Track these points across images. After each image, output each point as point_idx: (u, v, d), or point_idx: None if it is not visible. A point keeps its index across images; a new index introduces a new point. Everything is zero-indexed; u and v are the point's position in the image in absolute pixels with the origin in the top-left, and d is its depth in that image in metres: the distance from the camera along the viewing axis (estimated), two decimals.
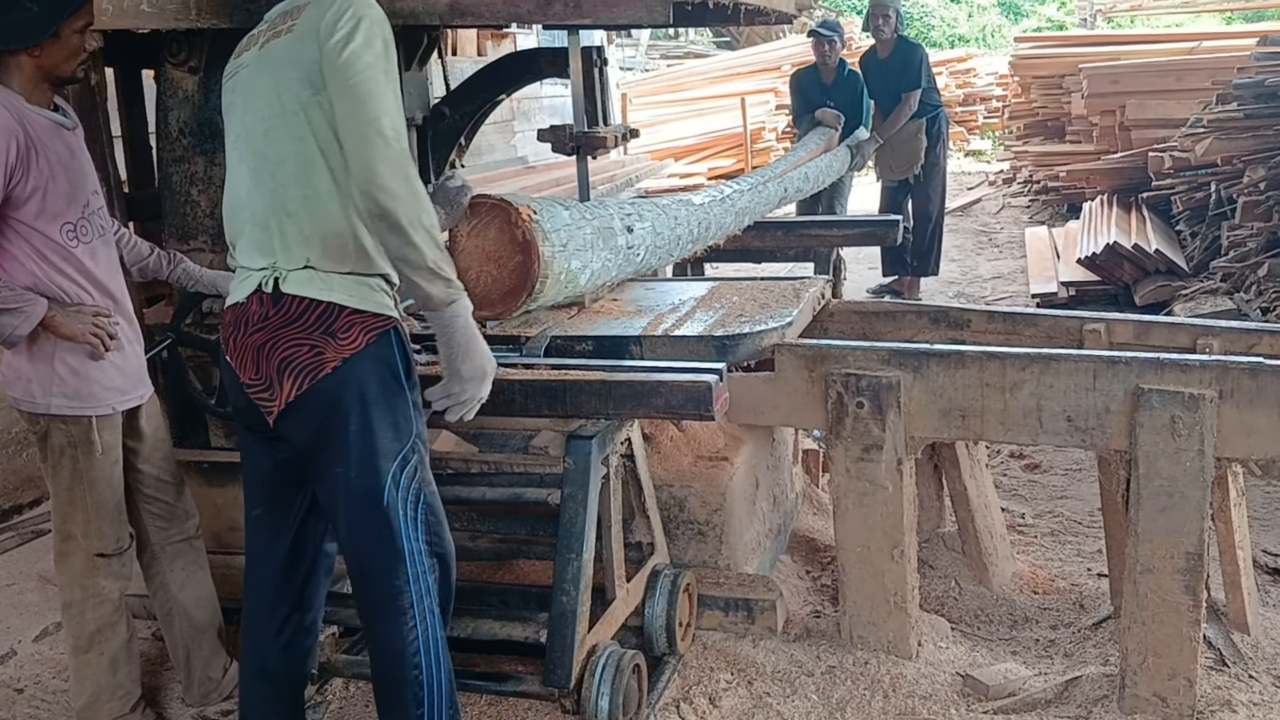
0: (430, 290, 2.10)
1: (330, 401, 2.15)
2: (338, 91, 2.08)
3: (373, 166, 2.04)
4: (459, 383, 2.19)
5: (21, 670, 3.12)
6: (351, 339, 2.15)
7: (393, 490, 2.19)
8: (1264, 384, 2.55)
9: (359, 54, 2.07)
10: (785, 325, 2.92)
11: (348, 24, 2.09)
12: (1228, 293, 6.57)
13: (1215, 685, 2.82)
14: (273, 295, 2.16)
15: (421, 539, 2.24)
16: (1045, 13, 25.33)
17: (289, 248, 2.15)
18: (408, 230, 2.05)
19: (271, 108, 2.16)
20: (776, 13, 3.23)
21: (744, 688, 2.86)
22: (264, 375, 2.17)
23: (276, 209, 2.16)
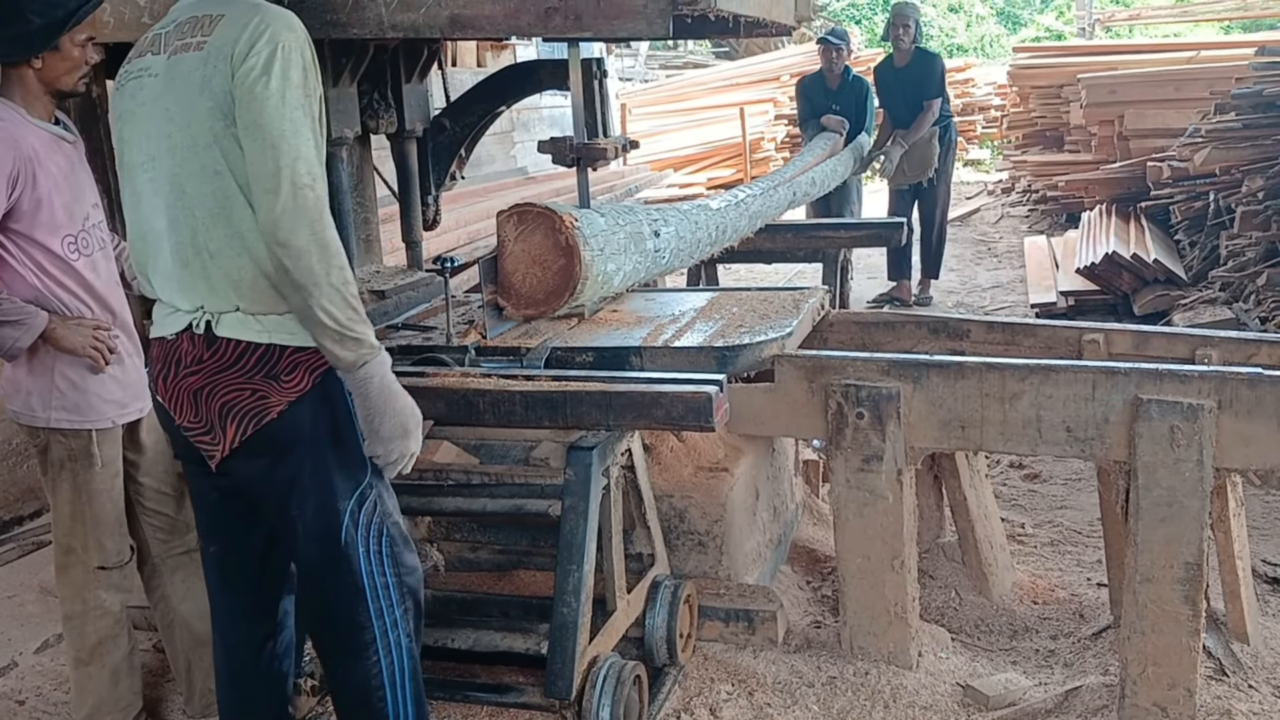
0: (339, 353, 1.97)
1: (278, 446, 2.05)
2: (246, 130, 1.93)
3: (275, 219, 1.90)
4: (381, 444, 2.06)
5: (23, 682, 3.12)
6: (296, 380, 2.04)
7: (351, 529, 2.11)
8: (1263, 394, 2.56)
9: (272, 89, 1.92)
10: (785, 336, 2.93)
11: (262, 51, 1.93)
12: (1226, 302, 6.58)
13: (1215, 695, 2.82)
14: (205, 338, 2.03)
15: (389, 572, 2.16)
16: (1044, 22, 25.38)
17: (215, 290, 2.02)
18: (310, 290, 1.92)
19: (183, 136, 1.99)
20: (776, 24, 3.24)
21: (745, 699, 2.86)
22: (204, 419, 2.06)
23: (197, 249, 2.01)
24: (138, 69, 2.09)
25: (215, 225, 1.99)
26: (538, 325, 3.09)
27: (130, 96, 2.09)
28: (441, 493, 2.72)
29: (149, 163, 2.05)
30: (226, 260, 2.00)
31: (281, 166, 1.90)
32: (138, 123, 2.07)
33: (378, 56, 3.15)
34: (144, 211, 2.08)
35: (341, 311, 1.94)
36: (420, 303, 3.36)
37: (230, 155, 1.96)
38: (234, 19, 1.98)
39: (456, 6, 2.61)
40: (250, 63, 1.92)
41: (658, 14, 2.55)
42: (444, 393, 2.64)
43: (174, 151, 2.00)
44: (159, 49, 2.06)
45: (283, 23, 1.98)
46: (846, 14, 23.46)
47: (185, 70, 1.99)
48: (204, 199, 1.99)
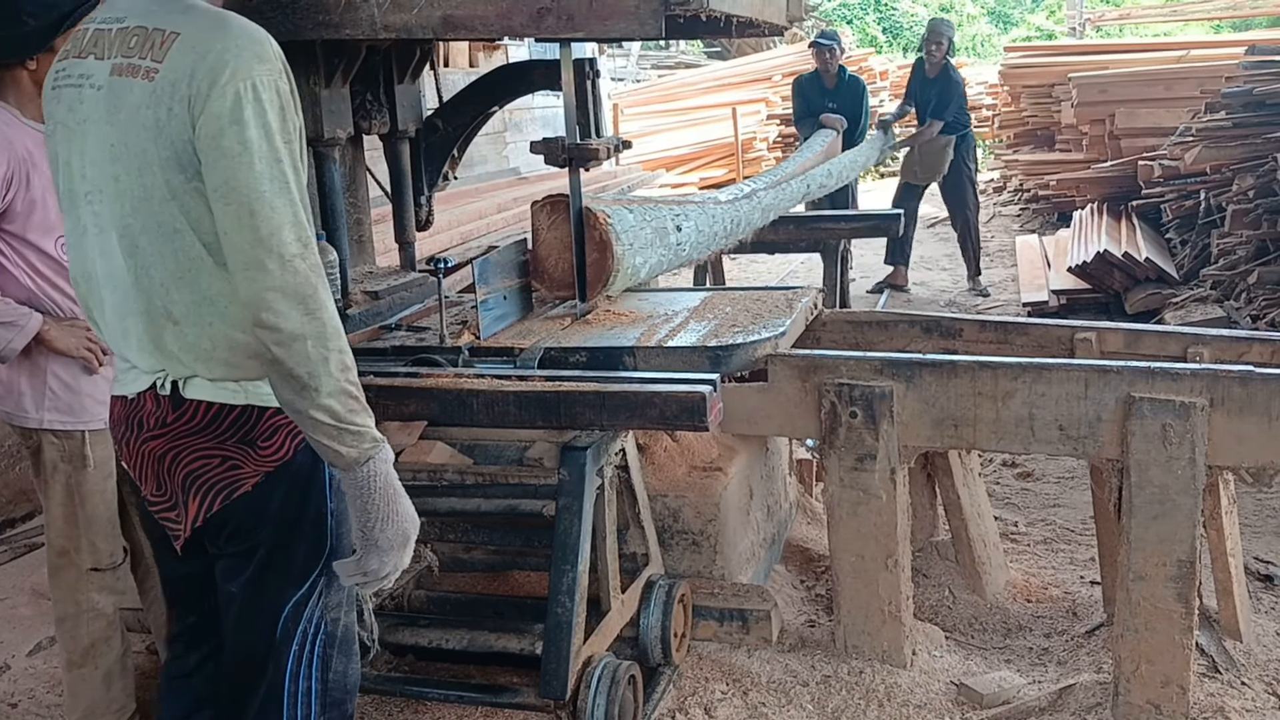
0: (338, 449, 1.67)
1: (243, 523, 1.78)
2: (216, 192, 1.61)
3: (259, 300, 1.60)
4: (377, 556, 1.73)
5: (15, 685, 3.11)
6: (275, 446, 1.76)
7: (290, 624, 1.83)
8: (1254, 392, 2.57)
9: (245, 142, 1.59)
10: (778, 335, 2.93)
11: (228, 93, 1.59)
12: (1218, 300, 6.61)
13: (1208, 692, 2.83)
14: (171, 398, 1.75)
15: (315, 678, 1.87)
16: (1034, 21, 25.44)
17: (176, 358, 1.74)
18: (305, 382, 1.62)
19: (133, 184, 1.67)
20: (768, 24, 3.25)
21: (739, 698, 2.86)
22: (167, 492, 1.80)
23: (159, 312, 1.73)
24: (76, 74, 1.74)
25: (178, 289, 1.70)
26: (531, 325, 3.10)
27: (67, 108, 1.75)
28: (435, 493, 2.72)
29: (94, 195, 1.73)
30: (195, 328, 1.72)
31: (263, 237, 1.60)
32: (77, 144, 1.74)
33: (370, 57, 3.15)
34: (87, 249, 1.77)
35: (342, 405, 1.66)
36: (413, 303, 3.36)
37: (193, 212, 1.66)
38: (191, 42, 1.64)
39: (449, 7, 2.61)
40: (214, 108, 1.59)
41: (650, 14, 2.55)
42: (438, 393, 2.64)
43: (122, 198, 1.69)
44: (101, 53, 1.72)
45: (251, 51, 1.64)
46: (838, 14, 23.49)
47: (133, 103, 1.65)
48: (163, 259, 1.69)
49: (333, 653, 1.89)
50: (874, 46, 21.20)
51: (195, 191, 1.65)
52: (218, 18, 1.68)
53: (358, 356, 2.88)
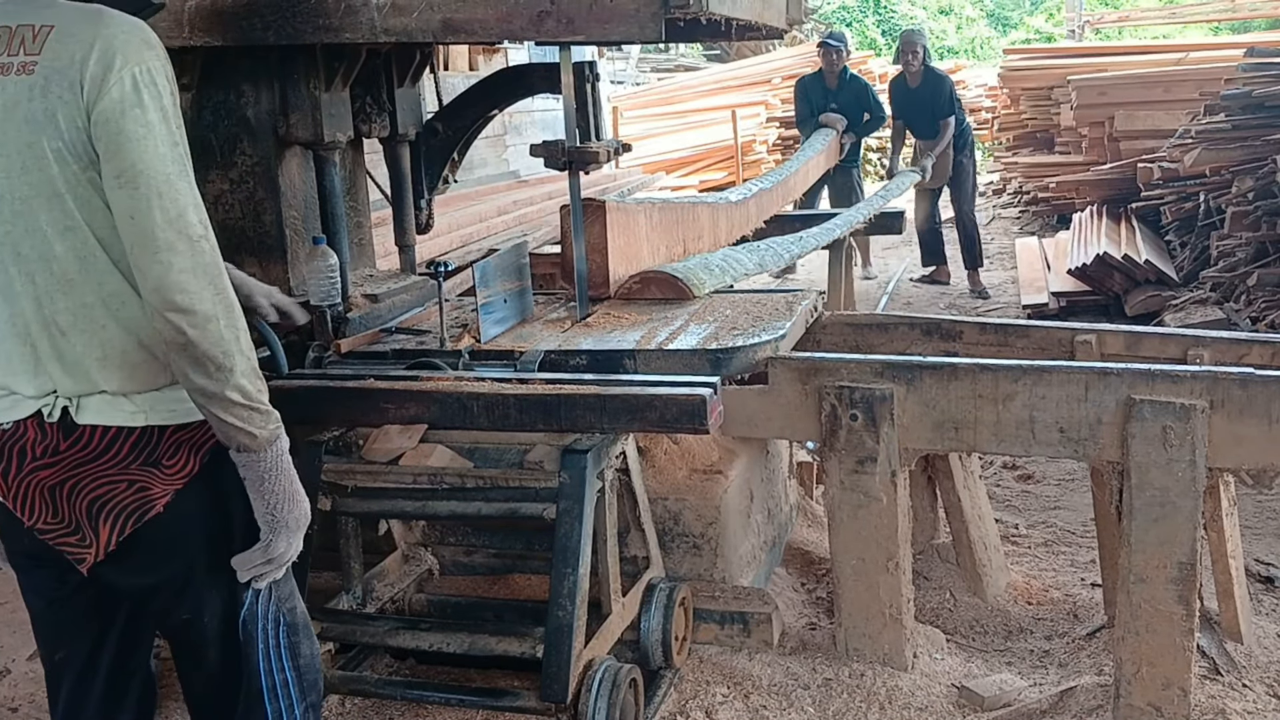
0: (251, 430, 1.66)
1: (165, 542, 1.74)
2: (120, 178, 1.57)
3: (171, 281, 1.58)
4: (285, 537, 1.74)
5: (16, 689, 3.10)
6: (180, 464, 1.73)
7: (249, 624, 1.82)
8: (1254, 394, 2.57)
9: (146, 125, 1.57)
10: (778, 338, 2.93)
11: (124, 77, 1.57)
12: (1217, 302, 6.61)
13: (1209, 694, 2.83)
14: (62, 425, 1.67)
15: (288, 668, 1.87)
16: (1034, 24, 25.47)
17: (70, 372, 1.66)
18: (220, 362, 1.61)
19: (13, 185, 1.60)
20: (767, 27, 3.25)
21: (740, 701, 2.86)
22: (67, 519, 1.71)
23: (44, 323, 1.65)
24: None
25: (68, 293, 1.63)
26: (531, 329, 3.10)
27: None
28: (436, 497, 2.72)
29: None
30: (85, 335, 1.65)
31: (172, 219, 1.58)
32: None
33: (370, 61, 3.15)
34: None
35: (252, 384, 1.66)
36: (413, 307, 3.36)
37: (86, 206, 1.61)
38: (70, 32, 1.59)
39: (449, 10, 2.62)
40: (113, 94, 1.56)
41: (650, 17, 2.55)
42: (438, 396, 2.64)
43: (1, 202, 1.61)
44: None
45: (139, 37, 1.62)
46: (837, 16, 23.52)
47: (7, 100, 1.59)
48: (50, 262, 1.62)
49: (298, 639, 1.89)
50: (873, 49, 21.22)
51: (89, 183, 1.61)
52: (91, 9, 1.65)
53: (358, 360, 2.91)
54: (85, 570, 1.76)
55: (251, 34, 2.77)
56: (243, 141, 3.05)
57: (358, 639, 2.74)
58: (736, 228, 4.39)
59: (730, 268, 3.62)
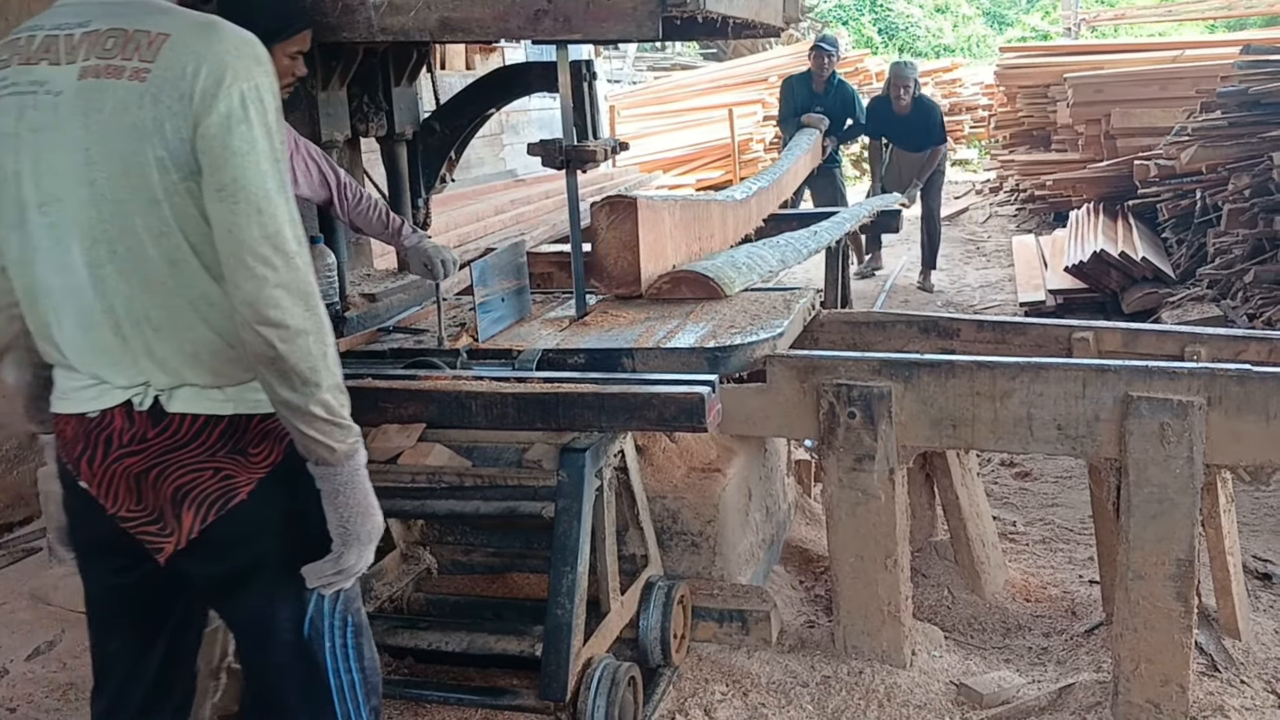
0: (331, 443, 1.69)
1: (245, 531, 1.76)
2: (222, 191, 1.61)
3: (265, 296, 1.61)
4: (357, 550, 1.75)
5: (14, 690, 3.10)
6: (265, 453, 1.76)
7: (317, 619, 1.84)
8: (1251, 390, 2.57)
9: (250, 142, 1.61)
10: (776, 336, 2.93)
11: (233, 93, 1.60)
12: (1214, 299, 6.62)
13: (1207, 691, 2.83)
14: (151, 413, 1.70)
15: (354, 669, 1.89)
16: (1030, 22, 25.48)
17: (162, 366, 1.70)
18: (307, 377, 1.64)
19: (114, 188, 1.63)
20: (764, 25, 3.25)
21: (739, 699, 2.86)
22: (151, 507, 1.74)
23: (135, 320, 1.68)
24: (26, 81, 1.67)
25: (160, 293, 1.67)
26: (529, 328, 3.10)
27: (15, 116, 1.66)
28: (434, 496, 2.72)
29: (50, 205, 1.66)
30: (176, 334, 1.69)
31: (269, 235, 1.61)
32: (29, 152, 1.66)
33: (367, 60, 3.15)
34: (41, 264, 1.70)
35: (336, 399, 1.68)
36: (411, 306, 3.36)
37: (182, 214, 1.64)
38: (184, 43, 1.62)
39: (446, 10, 2.62)
40: (221, 108, 1.60)
41: (647, 16, 2.55)
42: (436, 395, 2.64)
43: (98, 203, 1.63)
44: (58, 58, 1.66)
45: (250, 53, 1.65)
46: (834, 14, 23.51)
47: (116, 103, 1.61)
48: (146, 263, 1.66)
49: (363, 641, 1.91)
50: (870, 48, 21.23)
51: (187, 192, 1.63)
52: (206, 20, 1.67)
53: (356, 359, 2.91)
54: (163, 560, 1.77)
55: None
56: None
57: None
58: (742, 226, 4.39)
59: (756, 265, 3.60)
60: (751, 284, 3.46)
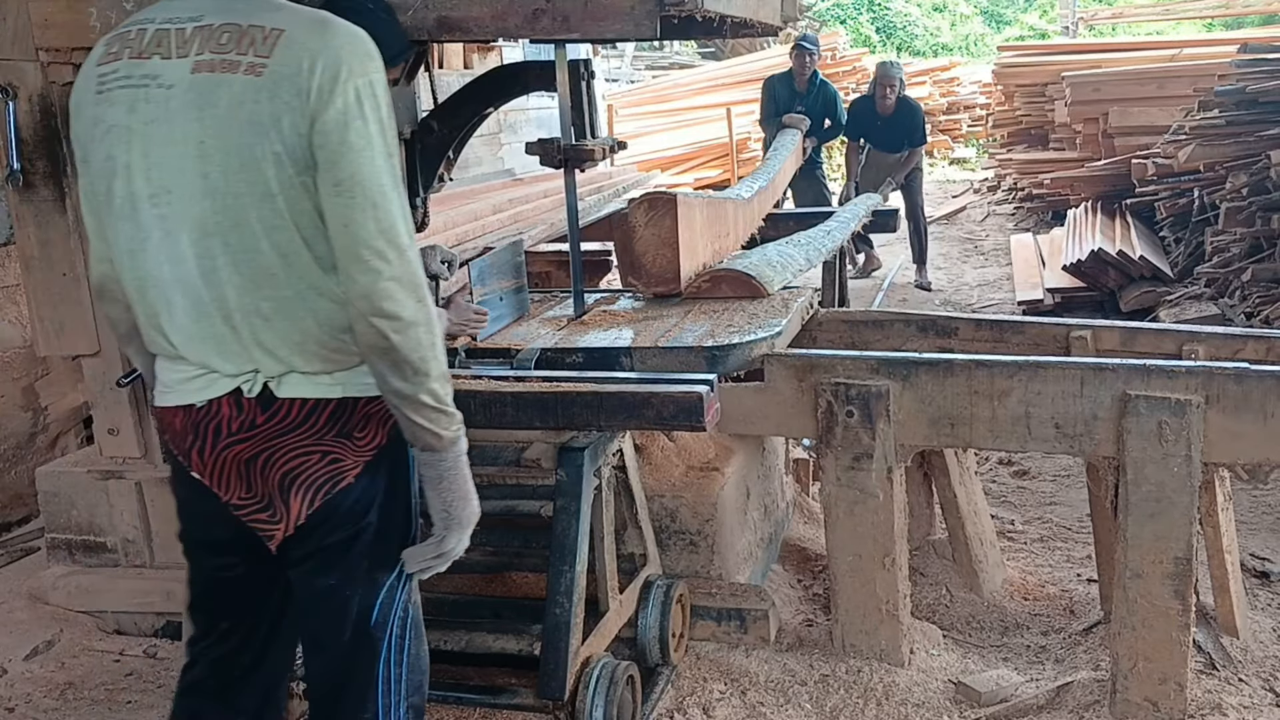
0: (438, 431, 1.74)
1: (347, 514, 1.79)
2: (339, 185, 1.63)
3: (380, 288, 1.64)
4: (458, 534, 1.81)
5: (12, 689, 3.10)
6: (370, 436, 1.78)
7: (385, 609, 1.86)
8: (1249, 389, 2.58)
9: (366, 138, 1.63)
10: (774, 335, 2.93)
11: (348, 89, 1.63)
12: (1212, 298, 6.62)
13: (1205, 689, 2.84)
14: (260, 399, 1.73)
15: (404, 664, 1.91)
16: (1028, 21, 25.50)
17: (270, 354, 1.73)
18: (418, 367, 1.68)
19: (228, 181, 1.64)
20: (762, 24, 3.25)
21: (738, 697, 2.87)
22: (259, 494, 1.77)
23: (246, 310, 1.70)
24: (138, 74, 1.68)
25: (270, 285, 1.69)
26: (528, 327, 3.10)
27: (127, 109, 1.68)
28: None
29: (161, 197, 1.68)
30: (285, 324, 1.71)
31: (384, 229, 1.64)
32: (140, 145, 1.68)
33: None
34: (152, 254, 1.72)
35: (443, 388, 1.73)
36: None
37: (296, 208, 1.65)
38: (299, 39, 1.64)
39: (444, 9, 2.61)
40: (338, 104, 1.61)
41: (645, 15, 2.55)
42: None
43: (212, 195, 1.65)
44: (169, 52, 1.67)
45: (363, 49, 1.67)
46: (831, 14, 23.51)
47: (232, 98, 1.63)
48: (258, 255, 1.67)
49: (411, 637, 1.92)
50: (868, 46, 21.23)
51: (301, 186, 1.65)
52: (319, 16, 1.70)
53: None
54: (273, 547, 1.80)
55: None
56: None
57: None
58: (749, 225, 4.39)
59: (788, 264, 3.58)
60: (787, 283, 3.45)
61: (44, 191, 3.09)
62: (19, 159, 3.04)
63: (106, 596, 3.36)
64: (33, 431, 4.46)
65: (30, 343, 4.16)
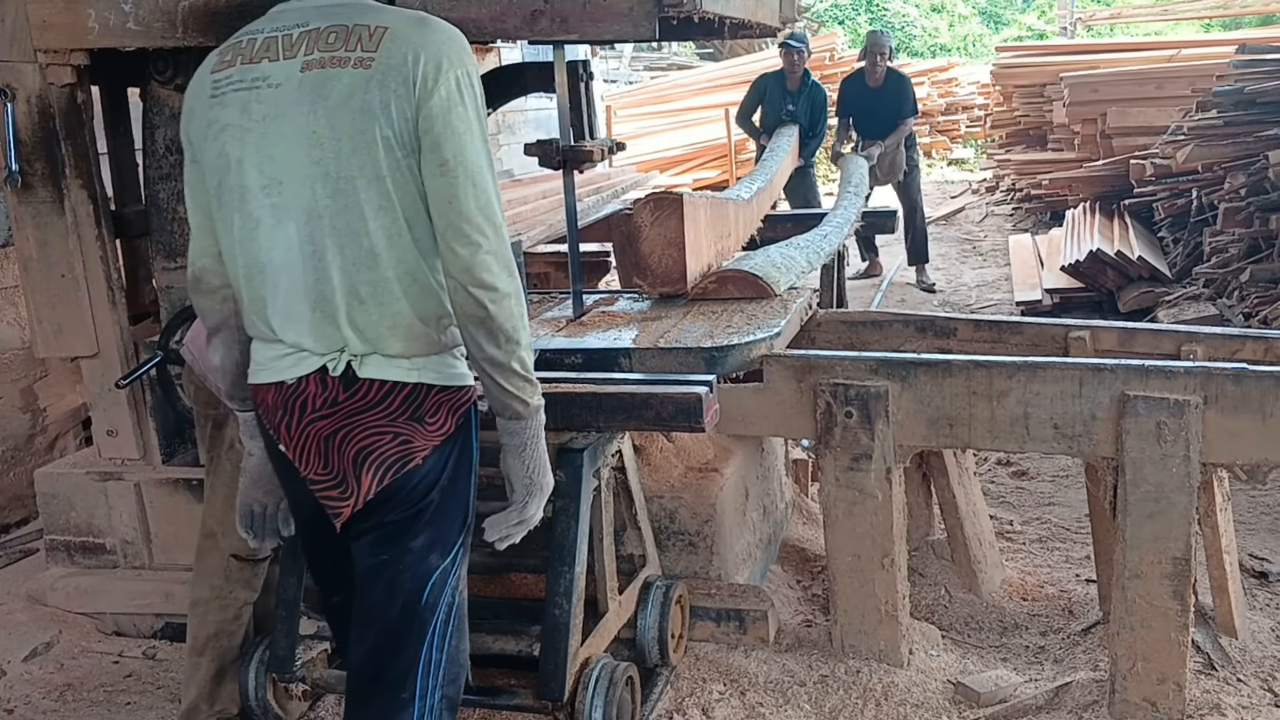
0: (525, 397, 1.88)
1: (412, 494, 1.88)
2: (444, 166, 1.77)
3: (479, 262, 1.78)
4: (537, 500, 1.94)
5: (11, 691, 3.10)
6: (440, 422, 1.88)
7: (436, 590, 1.93)
8: (1248, 389, 2.58)
9: (464, 125, 1.77)
10: (773, 336, 2.94)
11: (450, 79, 1.77)
12: (1210, 298, 6.62)
13: (1204, 689, 2.84)
14: (343, 378, 1.84)
15: (445, 653, 1.96)
16: (1026, 21, 25.51)
17: (361, 335, 1.83)
18: (510, 335, 1.82)
19: (339, 166, 1.77)
20: (761, 25, 3.25)
21: (737, 698, 2.87)
22: (335, 469, 1.86)
23: (345, 291, 1.81)
24: (250, 79, 1.82)
25: (371, 267, 1.80)
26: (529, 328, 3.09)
27: (240, 109, 1.82)
28: None
29: (272, 187, 1.81)
30: (380, 307, 1.82)
31: (483, 206, 1.79)
32: (252, 141, 1.81)
33: None
34: (261, 241, 1.84)
35: (529, 356, 1.88)
36: None
37: (402, 189, 1.78)
38: (402, 35, 1.78)
39: (442, 10, 2.61)
40: (441, 92, 1.76)
41: (643, 16, 2.55)
42: None
43: (324, 181, 1.78)
44: (277, 55, 1.81)
45: (458, 44, 1.82)
46: (829, 14, 23.52)
47: (342, 89, 1.76)
48: (364, 237, 1.79)
49: (454, 627, 1.98)
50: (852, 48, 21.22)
51: (407, 169, 1.77)
52: (418, 15, 1.86)
53: None
54: (339, 524, 1.90)
55: None
56: None
57: None
58: (749, 226, 4.39)
59: (791, 265, 3.56)
60: (792, 284, 3.44)
61: (42, 193, 3.09)
62: (17, 160, 3.04)
63: (105, 598, 3.36)
64: (31, 433, 4.46)
65: (29, 344, 4.16)
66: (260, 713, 2.73)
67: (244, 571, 2.73)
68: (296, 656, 2.68)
